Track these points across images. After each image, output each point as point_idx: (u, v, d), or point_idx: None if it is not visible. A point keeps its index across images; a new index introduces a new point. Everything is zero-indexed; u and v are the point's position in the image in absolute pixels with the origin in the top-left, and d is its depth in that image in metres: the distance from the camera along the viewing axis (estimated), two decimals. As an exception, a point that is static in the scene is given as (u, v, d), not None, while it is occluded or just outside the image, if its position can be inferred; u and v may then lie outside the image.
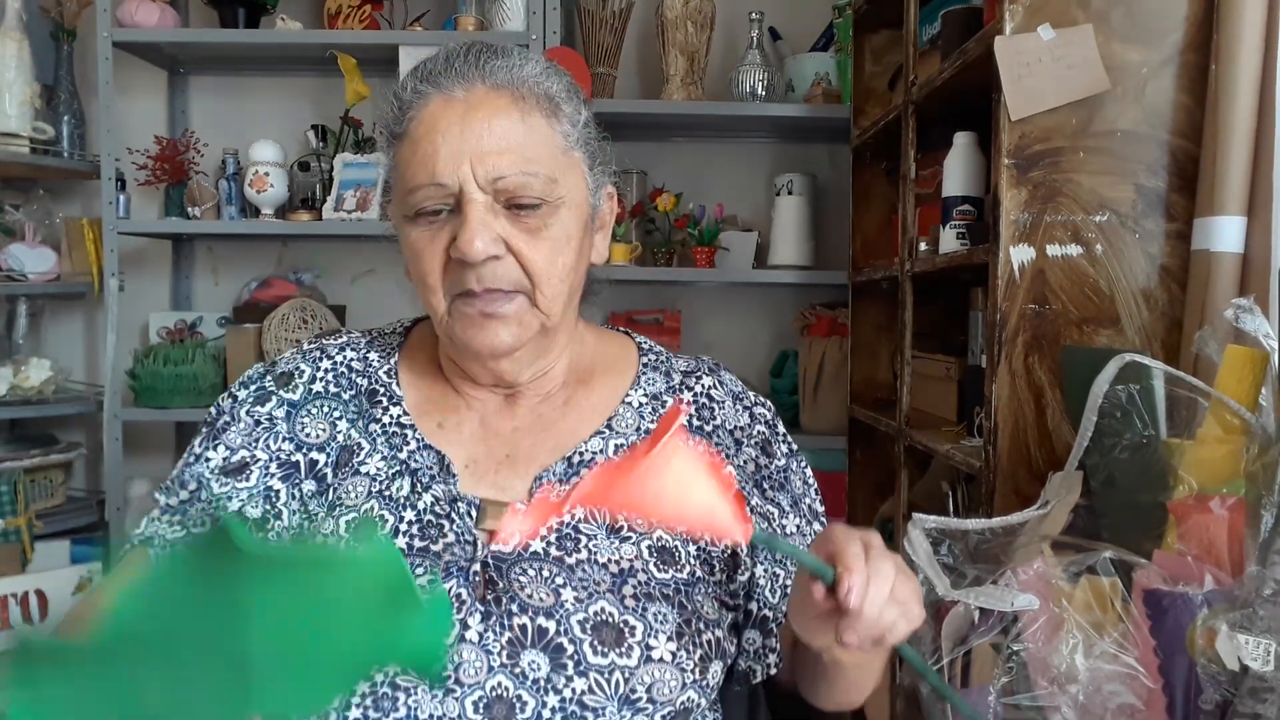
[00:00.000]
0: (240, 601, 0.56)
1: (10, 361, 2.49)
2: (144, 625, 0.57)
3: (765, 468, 0.94)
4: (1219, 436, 1.02)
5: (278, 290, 2.61)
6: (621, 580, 0.84)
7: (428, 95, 0.84)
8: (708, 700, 0.86)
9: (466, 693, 0.78)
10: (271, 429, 0.90)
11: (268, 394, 0.92)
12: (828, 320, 2.51)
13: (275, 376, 0.93)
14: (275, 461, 0.89)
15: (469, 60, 0.85)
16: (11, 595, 2.18)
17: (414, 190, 0.83)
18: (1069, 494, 1.11)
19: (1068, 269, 1.37)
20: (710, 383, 0.97)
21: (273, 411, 0.91)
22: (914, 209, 1.88)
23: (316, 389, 0.92)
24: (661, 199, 2.51)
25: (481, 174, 0.82)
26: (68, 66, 2.60)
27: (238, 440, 0.89)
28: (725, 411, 0.95)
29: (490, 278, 0.83)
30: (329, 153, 2.53)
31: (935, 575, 1.02)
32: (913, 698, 1.03)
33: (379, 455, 0.88)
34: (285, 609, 0.56)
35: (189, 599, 0.56)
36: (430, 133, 0.83)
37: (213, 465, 0.88)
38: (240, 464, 0.88)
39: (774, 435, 0.97)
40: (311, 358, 0.95)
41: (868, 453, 2.35)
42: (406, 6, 2.57)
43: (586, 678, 0.79)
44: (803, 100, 2.50)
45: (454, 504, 0.86)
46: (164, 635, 0.56)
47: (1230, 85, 1.25)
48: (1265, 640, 0.87)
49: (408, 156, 0.85)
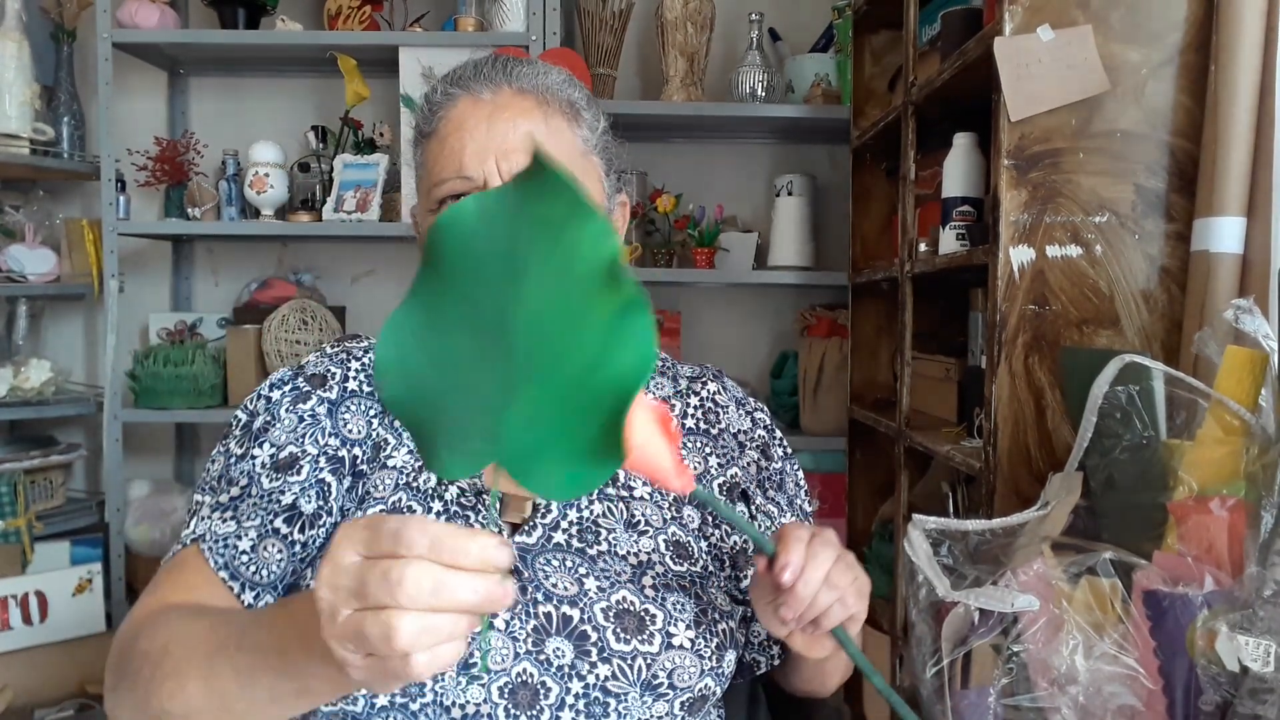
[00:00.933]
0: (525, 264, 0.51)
1: (10, 362, 2.48)
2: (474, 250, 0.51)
3: (765, 469, 0.98)
4: (1219, 437, 1.02)
5: (277, 291, 2.61)
6: (641, 571, 0.87)
7: (456, 97, 0.89)
8: (722, 689, 0.89)
9: (493, 679, 0.80)
10: (316, 424, 0.90)
11: (305, 393, 0.92)
12: (828, 321, 2.51)
13: (307, 378, 0.94)
14: (324, 456, 0.89)
15: (496, 67, 0.90)
16: (11, 596, 2.17)
17: (440, 183, 0.88)
18: (1069, 495, 1.11)
19: (1067, 270, 1.37)
20: (715, 388, 1.01)
21: (315, 409, 0.91)
22: (914, 210, 1.88)
23: (351, 387, 0.93)
24: (661, 200, 2.51)
25: (505, 169, 0.86)
26: (68, 67, 2.60)
27: (283, 437, 0.89)
28: (730, 416, 0.99)
29: None
30: (329, 154, 2.53)
31: (935, 576, 1.02)
32: (913, 698, 1.03)
33: (405, 449, 0.90)
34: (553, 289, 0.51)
35: (502, 239, 0.50)
36: (458, 130, 0.88)
37: (261, 461, 0.88)
38: (290, 459, 0.88)
39: (772, 439, 1.02)
40: (339, 360, 0.96)
41: (868, 454, 2.35)
42: (406, 7, 2.57)
43: (610, 664, 0.82)
44: (802, 101, 2.50)
45: (479, 496, 0.88)
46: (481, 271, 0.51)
47: (1230, 85, 1.25)
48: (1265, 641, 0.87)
49: (435, 152, 0.89)
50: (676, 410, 0.98)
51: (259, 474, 0.87)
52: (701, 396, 0.99)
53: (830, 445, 2.46)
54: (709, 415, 0.98)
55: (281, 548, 0.85)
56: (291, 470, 0.87)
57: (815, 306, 2.60)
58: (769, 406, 2.63)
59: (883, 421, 2.03)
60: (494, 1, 2.38)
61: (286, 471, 0.87)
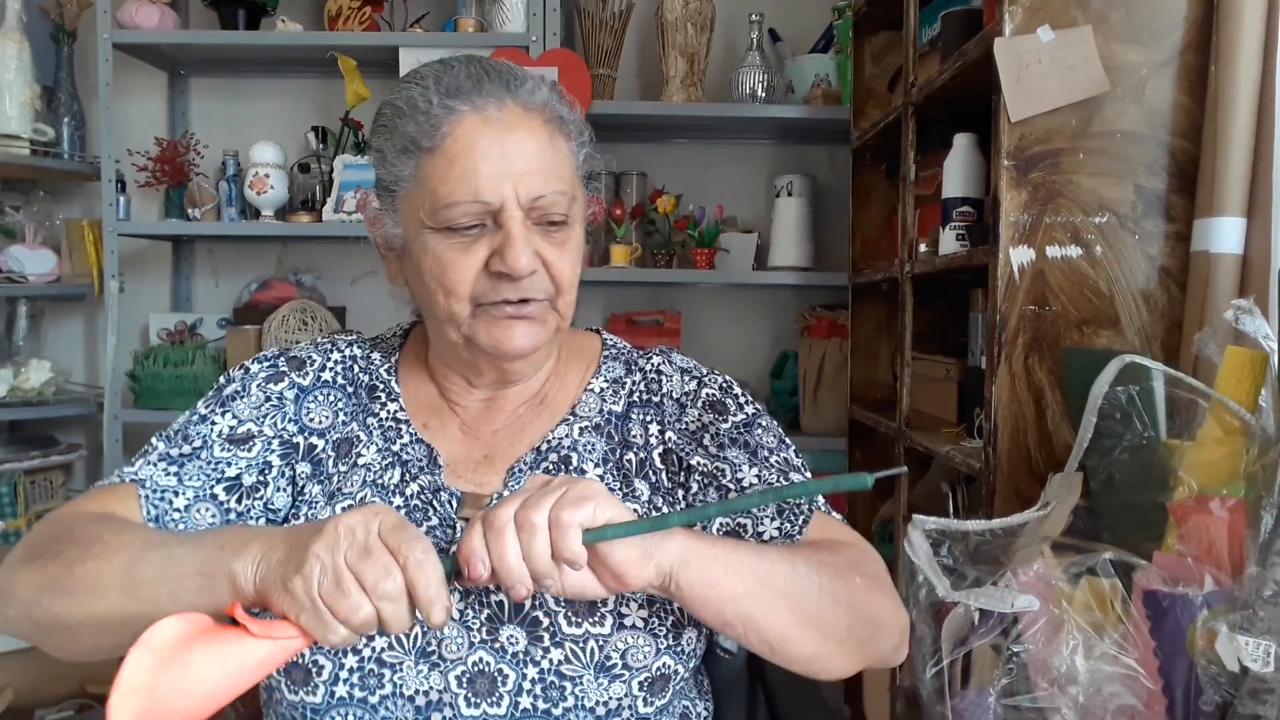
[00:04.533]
0: None
1: (10, 363, 2.49)
2: None
3: (711, 426, 0.95)
4: (1219, 437, 1.02)
5: (278, 292, 2.61)
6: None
7: (461, 112, 0.86)
8: (685, 668, 0.88)
9: (450, 667, 0.83)
10: (280, 408, 0.94)
11: (281, 374, 0.96)
12: (828, 321, 2.51)
13: (289, 359, 0.98)
14: (278, 440, 0.93)
15: (495, 80, 0.88)
16: (11, 597, 2.17)
17: (451, 205, 0.86)
18: (1069, 495, 1.11)
19: (1067, 270, 1.37)
20: (660, 361, 1.01)
21: (284, 392, 0.95)
22: (914, 210, 1.88)
23: (325, 378, 0.97)
24: (661, 200, 2.51)
25: (523, 192, 0.86)
26: (68, 68, 2.60)
27: (246, 412, 0.93)
28: (672, 383, 0.99)
29: (529, 289, 0.88)
30: (329, 154, 2.53)
31: (935, 576, 1.02)
32: (912, 698, 1.03)
33: (375, 447, 0.93)
34: None
35: None
36: (469, 150, 0.85)
37: (219, 430, 0.92)
38: (246, 435, 0.92)
39: (728, 397, 0.98)
40: (323, 349, 1.00)
41: (868, 454, 2.35)
42: (406, 8, 2.57)
43: (563, 648, 0.83)
44: (802, 102, 2.50)
45: (437, 494, 0.91)
46: None
47: (1230, 86, 1.25)
48: (1265, 641, 0.87)
49: (442, 171, 0.86)
50: (625, 388, 0.98)
51: (214, 441, 0.91)
52: (645, 370, 1.00)
53: (830, 445, 2.46)
54: (651, 385, 0.99)
55: (215, 513, 0.89)
56: (244, 446, 0.91)
57: (815, 307, 2.60)
58: (769, 407, 2.63)
59: (883, 422, 2.03)
60: (494, 2, 2.38)
61: (239, 446, 0.91)
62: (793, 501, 0.91)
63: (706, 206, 2.61)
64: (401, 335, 1.04)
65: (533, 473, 0.92)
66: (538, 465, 0.93)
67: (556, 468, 0.92)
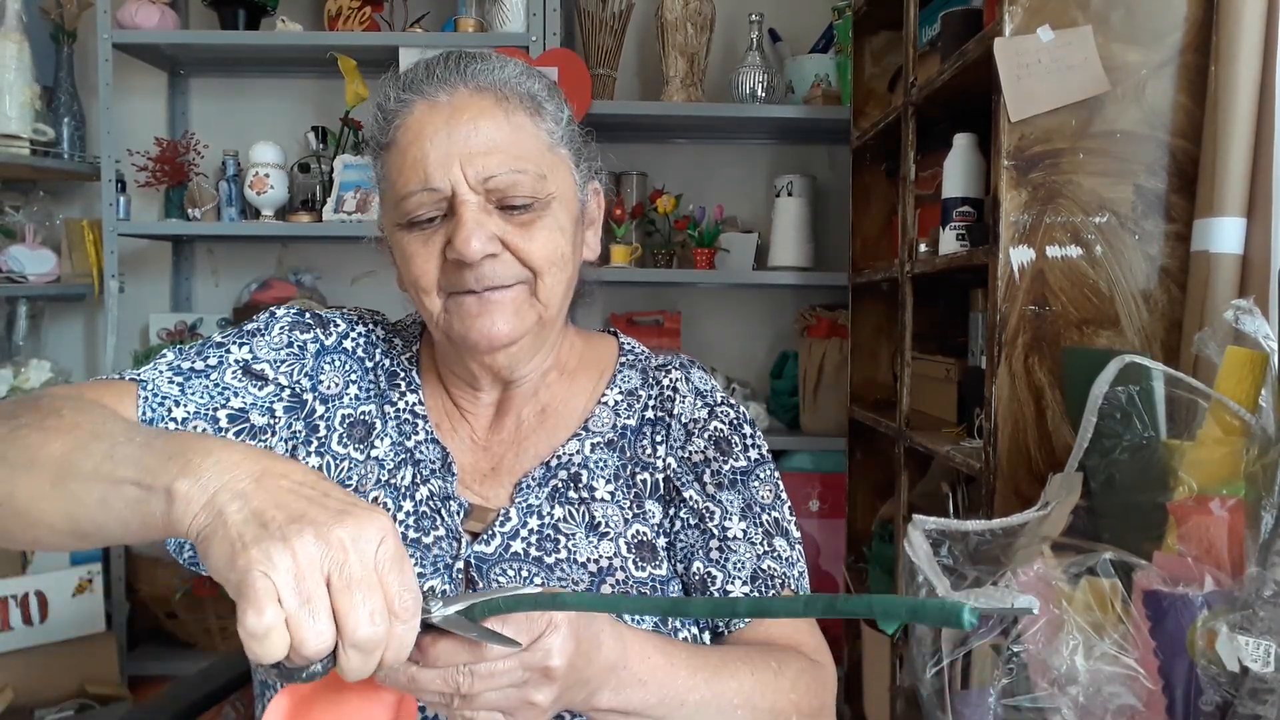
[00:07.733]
0: None
1: (10, 363, 2.49)
2: None
3: (714, 462, 0.93)
4: (1219, 438, 1.02)
5: (278, 292, 2.62)
6: (600, 579, 0.86)
7: (411, 102, 0.85)
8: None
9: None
10: (300, 359, 0.91)
11: (306, 325, 0.94)
12: (828, 321, 2.52)
13: (314, 315, 0.95)
14: (289, 390, 0.90)
15: (449, 66, 0.86)
16: (12, 596, 2.17)
17: (406, 197, 0.84)
18: (1069, 495, 1.11)
19: (1067, 270, 1.37)
20: (678, 376, 0.98)
21: (306, 343, 0.92)
22: (914, 210, 1.88)
23: (346, 345, 0.95)
24: (661, 200, 2.51)
25: (472, 175, 0.82)
26: (68, 68, 2.60)
27: (266, 352, 0.90)
28: (684, 405, 0.95)
29: (490, 276, 0.84)
30: (329, 154, 2.53)
31: (935, 576, 1.02)
32: (912, 698, 1.03)
33: (389, 440, 0.91)
34: None
35: None
36: (418, 138, 0.84)
37: (236, 358, 0.89)
38: (260, 374, 0.89)
39: (737, 436, 0.96)
40: (349, 318, 0.98)
41: (868, 454, 2.35)
42: (406, 8, 2.57)
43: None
44: (802, 102, 2.50)
45: (446, 502, 0.88)
46: None
47: (1230, 86, 1.25)
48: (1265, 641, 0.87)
49: (397, 164, 0.85)
50: (640, 400, 0.96)
51: (228, 365, 0.88)
52: (662, 385, 0.97)
53: (830, 445, 2.46)
54: (665, 403, 0.95)
55: (210, 433, 0.83)
56: (256, 383, 0.88)
57: (815, 307, 2.60)
58: (769, 407, 2.63)
59: (883, 422, 2.03)
60: (494, 2, 2.38)
61: (251, 380, 0.88)
62: (775, 584, 0.89)
63: (706, 206, 2.61)
64: (420, 325, 1.01)
65: (540, 488, 0.89)
66: (546, 482, 0.90)
67: (566, 485, 0.90)
